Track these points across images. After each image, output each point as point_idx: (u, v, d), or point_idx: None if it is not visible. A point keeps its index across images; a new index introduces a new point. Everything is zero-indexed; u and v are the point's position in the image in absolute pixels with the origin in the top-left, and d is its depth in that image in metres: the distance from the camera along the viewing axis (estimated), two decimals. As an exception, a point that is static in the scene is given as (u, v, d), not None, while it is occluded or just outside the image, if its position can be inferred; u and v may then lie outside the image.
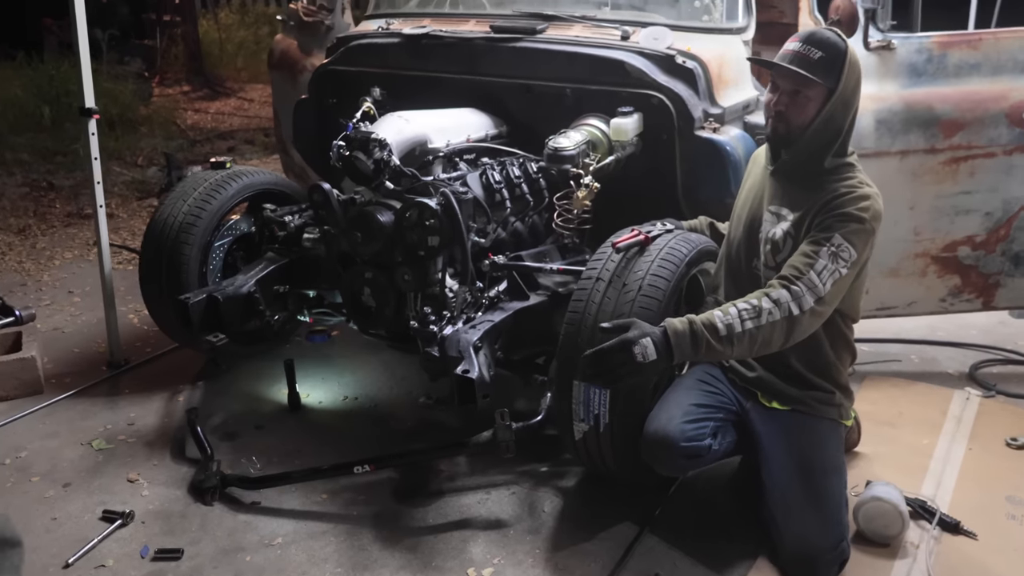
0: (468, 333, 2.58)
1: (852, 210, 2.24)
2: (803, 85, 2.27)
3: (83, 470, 2.86)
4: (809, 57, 2.25)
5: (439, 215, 2.64)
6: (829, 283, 2.20)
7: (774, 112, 2.33)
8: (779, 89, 2.32)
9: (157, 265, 3.21)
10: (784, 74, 2.29)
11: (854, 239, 2.23)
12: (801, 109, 2.29)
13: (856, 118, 2.34)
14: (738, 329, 2.13)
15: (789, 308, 2.16)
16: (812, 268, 2.20)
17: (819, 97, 2.27)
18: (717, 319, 2.14)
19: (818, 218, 2.28)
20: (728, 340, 2.13)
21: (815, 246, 2.23)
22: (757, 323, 2.14)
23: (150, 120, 7.39)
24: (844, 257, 2.22)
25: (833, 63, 2.25)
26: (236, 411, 3.19)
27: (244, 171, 3.40)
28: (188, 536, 2.53)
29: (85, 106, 3.30)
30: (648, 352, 2.08)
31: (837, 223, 2.24)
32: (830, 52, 2.25)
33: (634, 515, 2.57)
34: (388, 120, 2.84)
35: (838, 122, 2.29)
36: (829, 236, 2.22)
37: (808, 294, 2.17)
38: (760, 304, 2.16)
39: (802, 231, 2.31)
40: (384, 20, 3.48)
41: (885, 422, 3.06)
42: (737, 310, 2.15)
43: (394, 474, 2.79)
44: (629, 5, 3.26)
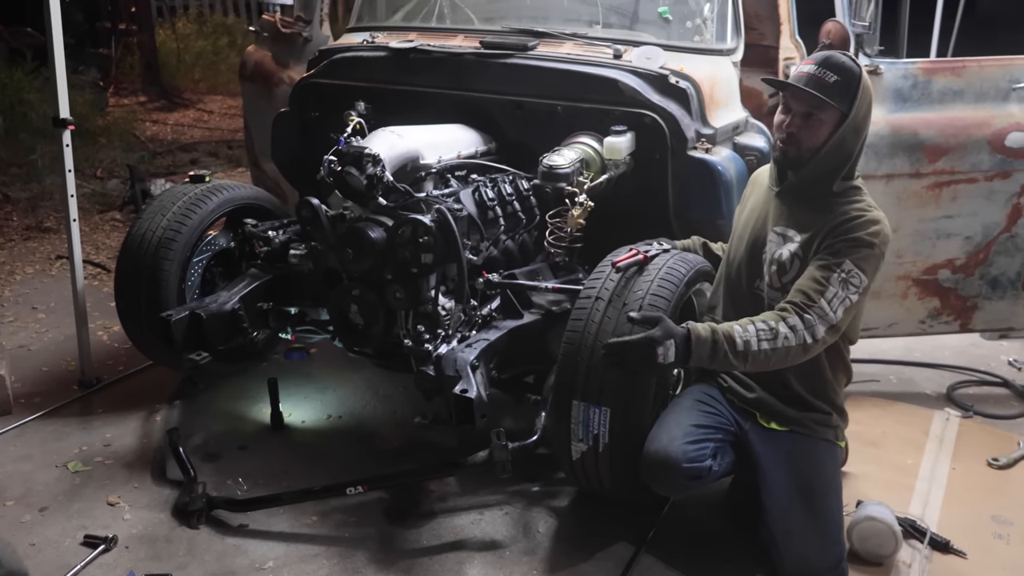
0: (464, 352, 2.54)
1: (863, 235, 2.26)
2: (817, 108, 2.28)
3: (60, 493, 2.76)
4: (824, 80, 2.26)
5: (433, 232, 2.60)
6: (840, 311, 2.22)
7: (786, 133, 2.33)
8: (791, 111, 2.32)
9: (135, 281, 3.11)
10: (799, 96, 2.29)
11: (864, 265, 2.25)
12: (813, 132, 2.29)
13: (864, 145, 2.36)
14: (754, 347, 2.17)
15: (804, 336, 2.19)
16: (823, 296, 2.21)
17: (832, 121, 2.28)
18: (737, 333, 2.17)
19: (827, 240, 2.28)
20: (743, 356, 2.17)
21: (825, 271, 2.24)
22: (773, 345, 2.17)
23: (108, 131, 7.20)
24: (855, 283, 2.23)
25: (848, 87, 2.26)
26: (217, 431, 3.10)
27: (224, 185, 3.33)
28: (175, 561, 2.45)
29: (60, 116, 3.20)
30: (669, 354, 2.14)
31: (848, 248, 2.25)
32: (845, 76, 2.26)
33: (630, 535, 2.55)
34: (380, 135, 2.80)
35: (849, 147, 2.30)
36: (840, 262, 2.23)
37: (820, 323, 2.20)
38: (777, 328, 2.18)
39: (811, 252, 2.31)
40: (368, 33, 3.44)
41: (870, 442, 3.09)
42: (755, 328, 2.18)
43: (384, 495, 2.73)
44: (620, 24, 3.26)
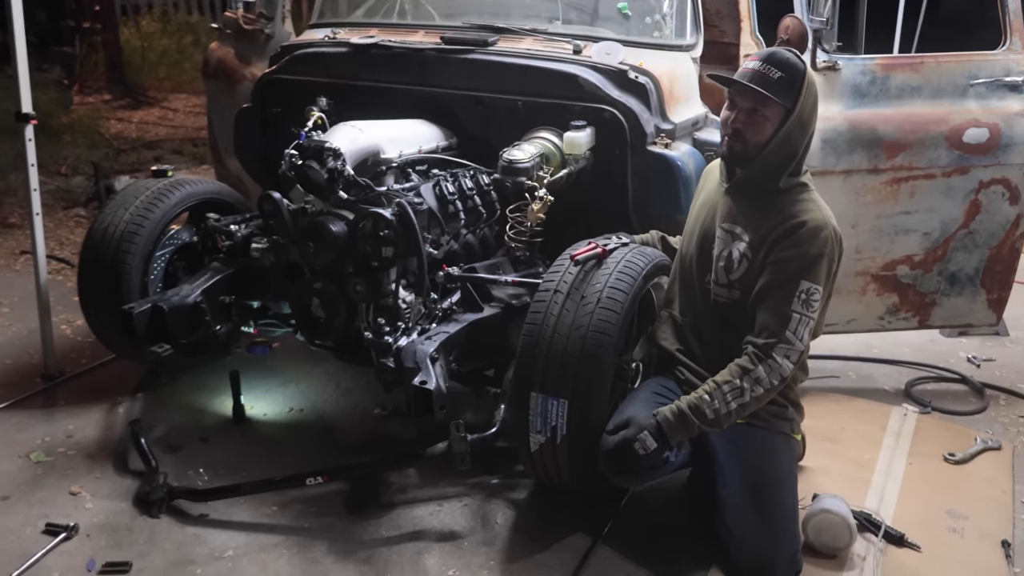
0: (424, 344, 2.56)
1: (811, 247, 2.28)
2: (761, 104, 2.30)
3: (22, 483, 2.76)
4: (768, 76, 2.28)
5: (394, 225, 2.62)
6: (806, 335, 2.29)
7: (731, 130, 2.35)
8: (737, 107, 2.34)
9: (97, 274, 3.10)
10: (742, 92, 2.32)
11: (819, 277, 2.29)
12: (758, 128, 2.31)
13: (811, 141, 2.39)
14: (724, 411, 2.26)
15: (769, 382, 2.27)
16: (787, 327, 2.26)
17: (776, 117, 2.30)
18: (706, 406, 2.26)
19: (776, 252, 2.31)
20: (718, 421, 2.28)
21: (786, 301, 2.27)
22: (741, 400, 2.27)
23: (72, 128, 7.13)
24: (814, 299, 2.28)
25: (792, 83, 2.29)
26: (179, 423, 3.11)
27: (187, 180, 3.32)
28: (136, 549, 2.46)
29: (23, 111, 3.18)
30: (648, 444, 2.25)
31: (800, 266, 2.28)
32: (789, 72, 2.29)
33: (587, 526, 2.58)
34: (341, 129, 2.81)
35: (795, 143, 2.33)
36: (796, 284, 2.27)
37: (785, 360, 2.27)
38: (742, 385, 2.26)
39: (759, 257, 2.34)
40: (330, 29, 3.45)
41: (827, 437, 3.13)
42: (722, 392, 2.26)
43: (344, 486, 2.75)
44: (580, 20, 3.29)
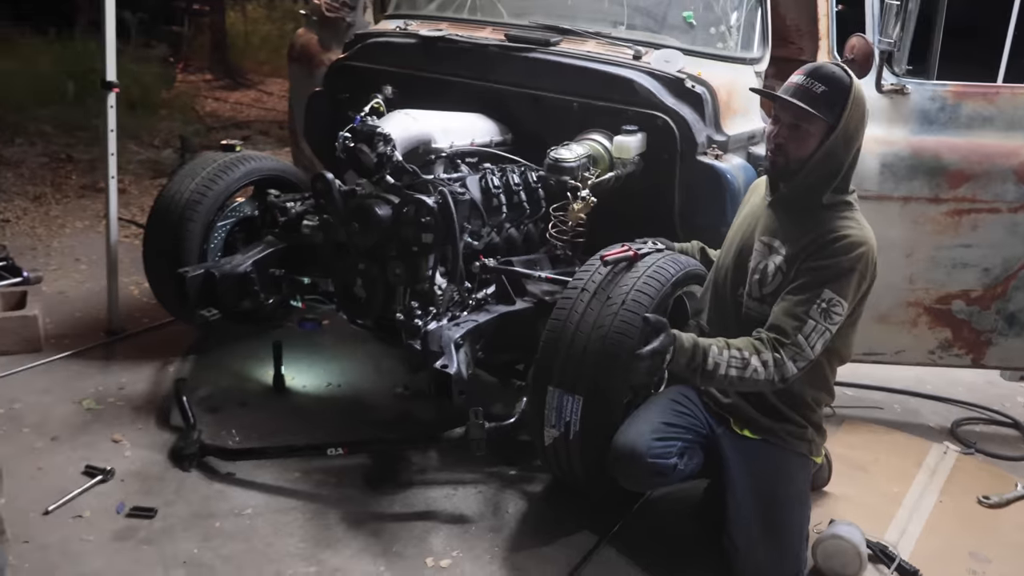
0: (451, 330, 2.62)
1: (843, 259, 2.24)
2: (803, 119, 2.27)
3: (71, 426, 2.94)
4: (812, 91, 2.25)
5: (435, 213, 2.69)
6: (819, 344, 2.24)
7: (774, 144, 2.33)
8: (780, 121, 2.32)
9: (160, 239, 3.29)
10: (785, 106, 2.30)
11: (845, 291, 2.24)
12: (800, 143, 2.28)
13: (859, 156, 2.34)
14: (722, 372, 2.20)
15: (773, 375, 2.22)
16: (800, 331, 2.22)
17: (819, 132, 2.27)
18: (712, 353, 2.21)
19: (808, 262, 2.28)
20: (710, 375, 2.21)
21: (805, 303, 2.23)
22: (741, 374, 2.21)
23: (170, 104, 7.52)
24: (836, 312, 2.23)
25: (836, 99, 2.24)
26: (223, 386, 3.25)
27: (252, 155, 3.48)
28: (163, 498, 2.60)
29: (106, 79, 3.39)
30: (669, 357, 2.19)
31: (828, 274, 2.24)
32: (833, 87, 2.25)
33: (596, 526, 2.60)
34: (395, 117, 2.90)
35: (838, 158, 2.29)
36: (820, 291, 2.23)
37: (791, 363, 2.22)
38: (750, 360, 2.21)
39: (792, 270, 2.31)
40: (403, 20, 3.56)
41: (858, 466, 3.06)
42: (729, 354, 2.21)
43: (367, 460, 2.83)
44: (645, 26, 3.30)
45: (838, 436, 3.26)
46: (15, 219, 4.91)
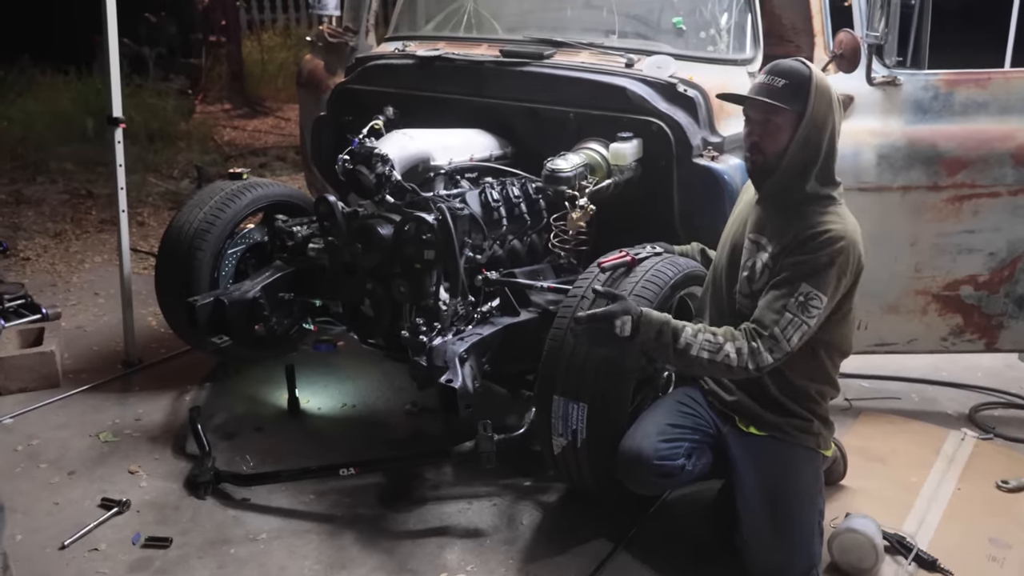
0: (455, 344, 2.64)
1: (822, 255, 2.26)
2: (771, 113, 2.32)
3: (88, 460, 2.99)
4: (773, 86, 2.31)
5: (435, 229, 2.72)
6: (795, 338, 2.25)
7: (749, 144, 2.38)
8: (751, 120, 2.37)
9: (171, 269, 3.35)
10: (753, 106, 2.35)
11: (823, 286, 2.25)
12: (773, 137, 2.33)
13: (836, 145, 2.36)
14: (693, 352, 2.25)
15: (746, 362, 2.24)
16: (777, 324, 2.25)
17: (789, 123, 2.31)
18: (684, 334, 2.25)
19: (789, 257, 2.30)
20: (681, 354, 2.26)
21: (784, 298, 2.26)
22: (712, 357, 2.25)
23: (189, 135, 7.65)
24: (814, 306, 2.25)
25: (798, 89, 2.29)
26: (238, 412, 3.30)
27: (258, 182, 3.54)
28: (179, 526, 2.63)
29: (113, 115, 3.47)
30: (626, 328, 2.24)
31: (807, 269, 2.26)
32: (794, 79, 2.30)
33: (611, 533, 2.60)
34: (392, 137, 2.95)
35: (814, 144, 2.32)
36: (797, 286, 2.25)
37: (767, 353, 2.24)
38: (723, 345, 2.25)
39: (777, 266, 2.33)
40: (401, 42, 3.61)
41: (875, 458, 3.05)
42: (703, 337, 2.25)
43: (380, 479, 2.86)
44: (636, 34, 3.32)
45: (855, 428, 3.25)
46: (35, 257, 5.02)
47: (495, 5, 3.69)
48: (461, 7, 3.71)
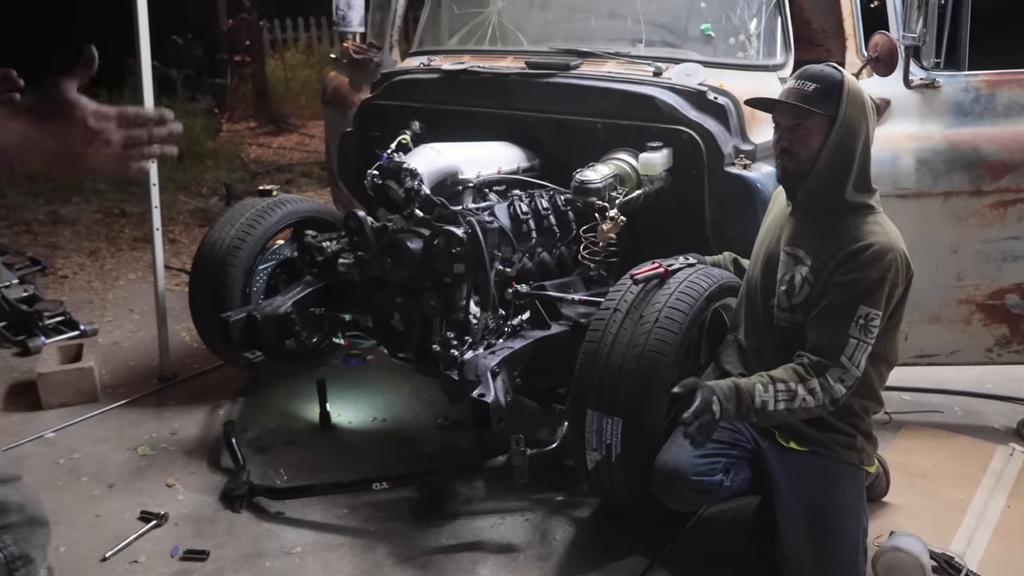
0: (487, 358, 2.63)
1: (873, 271, 2.22)
2: (801, 117, 2.28)
3: (127, 473, 3.02)
4: (803, 90, 2.27)
5: (465, 243, 2.71)
6: (862, 361, 2.22)
7: (779, 150, 2.34)
8: (781, 126, 2.34)
9: (204, 285, 3.37)
10: (782, 111, 2.32)
11: (879, 302, 2.21)
12: (804, 142, 2.29)
13: (870, 151, 2.32)
14: (771, 408, 2.20)
15: (822, 399, 2.20)
16: (843, 352, 2.20)
17: (820, 128, 2.27)
18: (757, 393, 2.21)
19: (837, 276, 2.25)
20: (761, 413, 2.22)
21: (844, 323, 2.21)
22: (790, 406, 2.21)
23: (216, 153, 7.75)
24: (873, 325, 2.21)
25: (829, 93, 2.25)
26: (270, 426, 3.31)
27: (288, 199, 3.56)
28: (215, 540, 2.65)
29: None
30: (717, 409, 2.19)
31: (860, 290, 2.22)
32: (824, 83, 2.26)
33: (646, 549, 2.56)
34: (420, 151, 2.94)
35: (847, 149, 2.27)
36: (854, 309, 2.21)
37: (839, 384, 2.20)
38: (796, 390, 2.20)
39: (820, 281, 2.29)
40: (426, 56, 3.62)
41: (919, 474, 2.96)
42: (774, 390, 2.21)
43: (413, 494, 2.85)
44: (663, 42, 3.30)
45: (896, 443, 3.17)
46: (72, 275, 5.09)
47: (519, 17, 3.68)
48: (485, 20, 3.71)
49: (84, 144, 1.26)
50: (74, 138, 1.25)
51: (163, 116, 1.34)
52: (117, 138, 1.29)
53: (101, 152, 1.27)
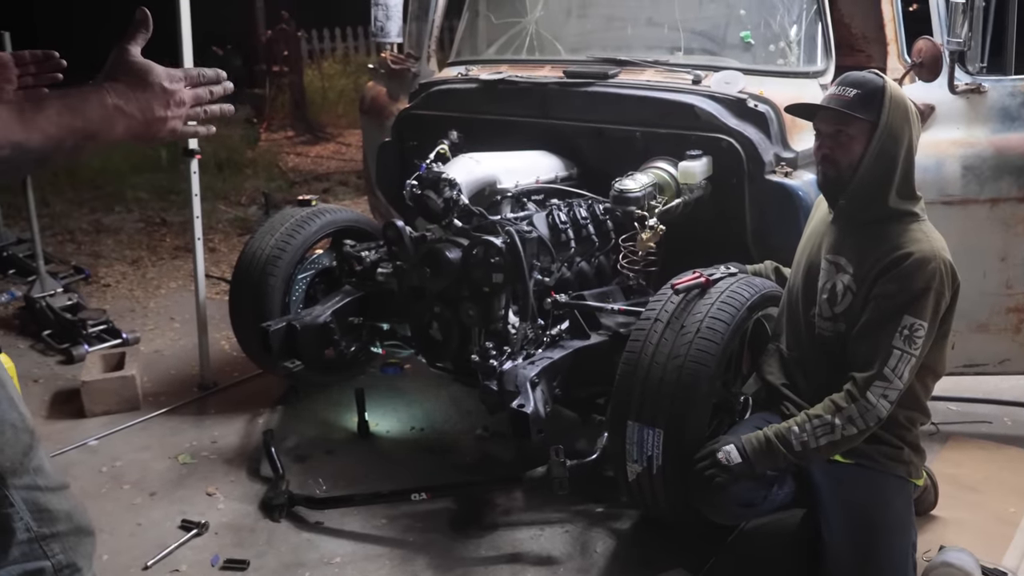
0: (526, 369, 2.62)
1: (916, 281, 2.17)
2: (842, 123, 2.24)
3: (168, 481, 3.06)
4: (844, 96, 2.24)
5: (503, 253, 2.71)
6: (907, 374, 2.17)
7: (820, 157, 2.31)
8: (822, 133, 2.31)
9: (244, 295, 3.41)
10: (823, 117, 2.29)
11: (924, 312, 2.17)
12: (845, 148, 2.25)
13: (914, 157, 2.28)
14: (813, 445, 2.18)
15: (863, 424, 2.17)
16: (886, 364, 2.16)
17: (862, 133, 2.23)
18: (793, 437, 2.19)
19: (880, 286, 2.21)
20: (803, 455, 2.21)
21: (887, 335, 2.17)
22: (831, 439, 2.18)
23: (255, 163, 7.85)
24: (918, 336, 2.17)
25: (871, 98, 2.22)
26: (309, 435, 3.33)
27: (327, 209, 3.59)
28: (255, 549, 2.67)
29: (188, 147, 3.56)
30: (732, 456, 2.20)
31: (904, 300, 2.17)
32: (866, 88, 2.23)
33: (687, 563, 2.53)
34: (459, 161, 2.95)
35: (890, 156, 2.23)
36: (898, 319, 2.16)
37: (882, 400, 2.16)
38: (833, 421, 2.17)
39: (862, 290, 2.25)
40: (464, 66, 3.63)
41: (968, 487, 2.90)
42: (812, 426, 2.18)
43: (451, 504, 2.84)
44: (703, 50, 3.27)
45: (943, 455, 3.10)
46: (115, 283, 5.18)
47: (557, 27, 3.67)
48: (523, 30, 3.71)
49: (164, 107, 1.25)
50: (155, 102, 1.25)
51: (219, 75, 1.35)
52: (188, 98, 1.29)
53: (177, 113, 1.27)
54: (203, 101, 1.32)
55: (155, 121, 1.25)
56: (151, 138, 1.27)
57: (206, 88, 1.33)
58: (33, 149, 1.16)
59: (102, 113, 1.20)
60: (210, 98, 1.33)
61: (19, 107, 1.16)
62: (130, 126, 1.23)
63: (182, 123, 1.30)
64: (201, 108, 1.32)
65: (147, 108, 1.24)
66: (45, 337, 4.25)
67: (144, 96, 1.24)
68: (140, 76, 1.24)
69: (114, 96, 1.21)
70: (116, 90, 1.22)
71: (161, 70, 1.26)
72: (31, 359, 4.09)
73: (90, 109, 1.20)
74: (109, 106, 1.21)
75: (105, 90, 1.21)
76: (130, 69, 1.24)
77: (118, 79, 1.23)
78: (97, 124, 1.20)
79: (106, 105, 1.20)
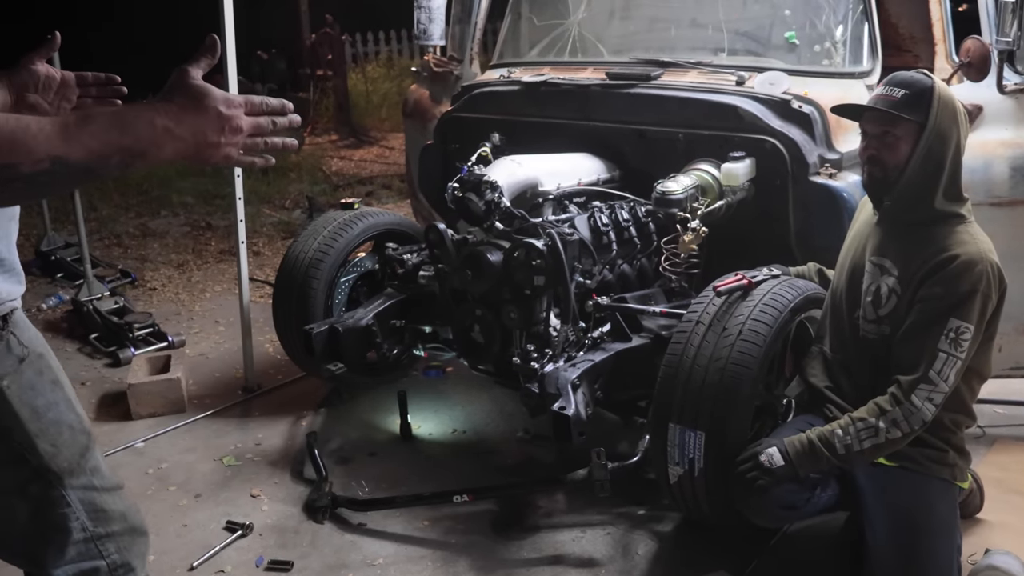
0: (567, 371, 2.62)
1: (963, 283, 2.14)
2: (890, 124, 2.22)
3: (213, 483, 3.10)
4: (892, 97, 2.21)
5: (545, 255, 2.71)
6: (952, 377, 2.14)
7: (866, 157, 2.28)
8: (868, 134, 2.28)
9: (287, 298, 3.45)
10: (870, 118, 2.26)
11: (970, 315, 2.14)
12: (892, 149, 2.23)
13: (961, 159, 2.25)
14: (856, 448, 2.17)
15: (907, 427, 2.15)
16: (932, 367, 2.14)
17: (909, 134, 2.21)
18: (837, 440, 2.18)
19: (925, 289, 2.19)
20: (847, 458, 2.19)
21: (932, 338, 2.14)
22: (875, 441, 2.17)
23: (299, 167, 7.93)
24: (964, 339, 2.14)
25: (919, 99, 2.19)
26: (352, 437, 3.36)
27: (370, 212, 3.62)
28: (299, 550, 2.69)
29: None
30: (774, 458, 2.20)
31: (950, 303, 2.15)
32: (914, 89, 2.20)
33: (729, 565, 2.52)
34: (501, 163, 2.96)
35: (937, 157, 2.20)
36: (944, 322, 2.14)
37: (926, 403, 2.14)
38: (877, 424, 2.16)
39: (907, 292, 2.23)
40: (506, 69, 3.65)
41: (1015, 490, 2.85)
42: (856, 429, 2.17)
43: (493, 506, 2.86)
44: (746, 51, 3.25)
45: (989, 458, 3.05)
46: (161, 287, 5.27)
47: (599, 28, 3.68)
48: (565, 32, 3.72)
49: (218, 133, 1.23)
50: (209, 127, 1.23)
51: (284, 106, 1.32)
52: (246, 126, 1.27)
53: (232, 140, 1.25)
54: (264, 131, 1.29)
55: (207, 146, 1.23)
56: (203, 162, 1.25)
57: (268, 118, 1.30)
58: (75, 163, 1.16)
59: (150, 133, 1.19)
60: (272, 129, 1.30)
61: (63, 122, 1.16)
62: (180, 148, 1.22)
63: (237, 151, 1.27)
64: (262, 139, 1.30)
65: (199, 132, 1.22)
66: (92, 340, 4.34)
67: (198, 120, 1.22)
68: (196, 99, 1.23)
69: (164, 117, 1.20)
70: (168, 111, 1.21)
71: (219, 95, 1.24)
72: (78, 362, 4.17)
73: (138, 128, 1.19)
74: (158, 127, 1.19)
75: (156, 110, 1.21)
76: (187, 92, 1.23)
77: (172, 100, 1.22)
78: (144, 143, 1.19)
79: (155, 125, 1.19)
